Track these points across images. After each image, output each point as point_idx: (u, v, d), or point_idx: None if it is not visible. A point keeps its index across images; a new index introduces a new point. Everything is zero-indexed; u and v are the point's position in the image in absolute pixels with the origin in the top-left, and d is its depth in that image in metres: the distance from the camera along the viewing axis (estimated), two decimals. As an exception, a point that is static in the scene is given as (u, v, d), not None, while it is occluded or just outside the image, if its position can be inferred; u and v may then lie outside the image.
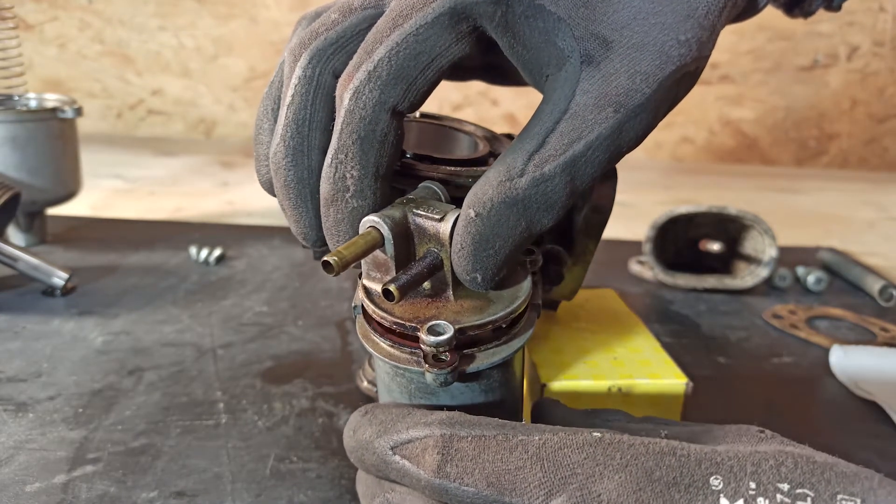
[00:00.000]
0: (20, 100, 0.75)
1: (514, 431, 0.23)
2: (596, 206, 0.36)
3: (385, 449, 0.24)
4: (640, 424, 0.27)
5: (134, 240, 0.76)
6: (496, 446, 0.23)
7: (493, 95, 1.34)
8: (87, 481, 0.38)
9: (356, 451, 0.26)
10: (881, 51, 1.33)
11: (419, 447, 0.24)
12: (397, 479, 0.25)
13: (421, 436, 0.24)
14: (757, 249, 0.69)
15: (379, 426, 0.25)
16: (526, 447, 0.22)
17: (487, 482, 0.22)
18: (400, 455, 0.24)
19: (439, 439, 0.23)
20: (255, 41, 1.30)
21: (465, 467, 0.23)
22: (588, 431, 0.23)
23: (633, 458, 0.21)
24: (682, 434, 0.25)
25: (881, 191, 1.26)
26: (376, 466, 0.25)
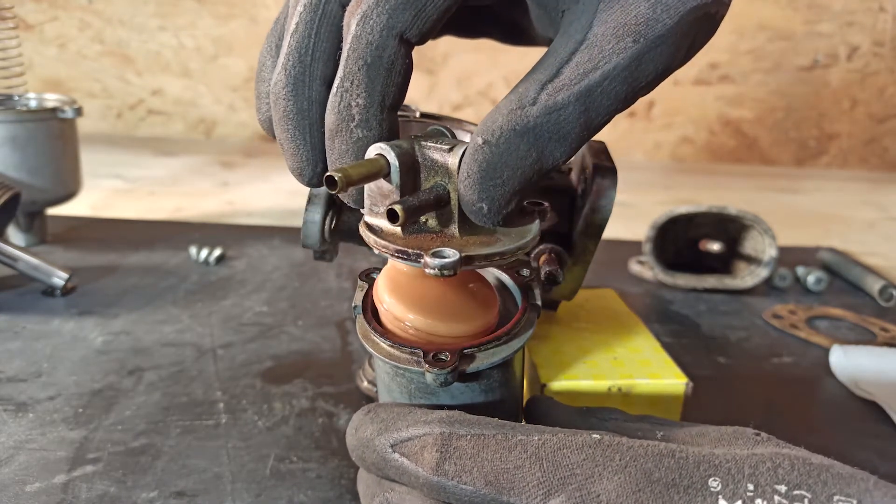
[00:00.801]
0: (20, 100, 0.75)
1: (513, 431, 0.23)
2: (596, 206, 0.36)
3: (385, 447, 0.24)
4: (637, 424, 0.27)
5: (134, 240, 0.76)
6: (495, 445, 0.23)
7: (493, 95, 1.34)
8: (87, 481, 0.38)
9: (357, 450, 0.26)
10: (881, 51, 1.33)
11: (418, 445, 0.24)
12: (396, 478, 0.24)
13: (420, 434, 0.24)
14: (757, 249, 0.69)
15: (380, 424, 0.25)
16: (525, 447, 0.22)
17: (486, 480, 0.22)
18: (399, 453, 0.24)
19: (438, 437, 0.23)
20: (255, 41, 1.30)
21: (463, 465, 0.23)
22: (587, 433, 0.23)
23: (633, 460, 0.21)
24: (678, 435, 0.26)
25: (881, 191, 1.26)
26: (376, 465, 0.25)
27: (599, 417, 0.28)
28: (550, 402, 0.30)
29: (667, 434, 0.26)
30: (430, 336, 0.27)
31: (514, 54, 1.36)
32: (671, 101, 1.35)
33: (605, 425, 0.27)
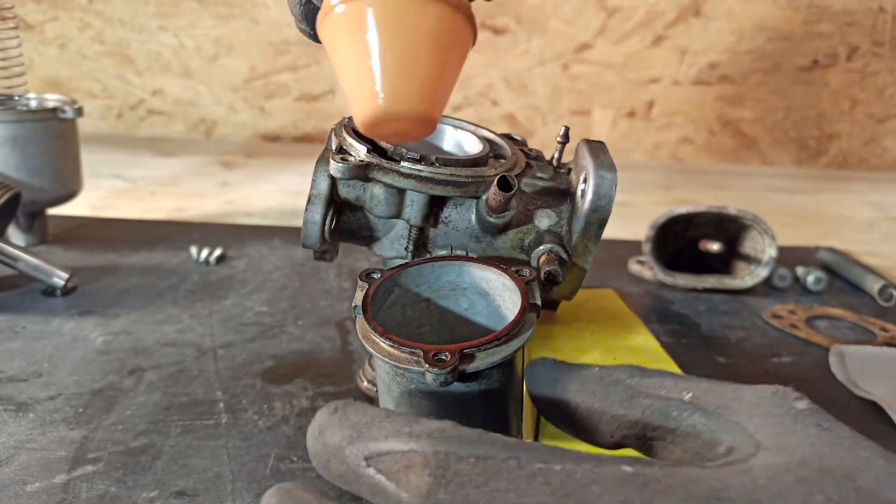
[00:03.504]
0: (20, 100, 0.75)
1: (526, 454, 0.19)
2: (596, 206, 0.36)
3: (357, 458, 0.20)
4: (657, 379, 0.24)
5: (134, 240, 0.76)
6: (508, 474, 0.19)
7: (493, 96, 1.34)
8: (88, 481, 0.38)
9: (321, 456, 0.22)
10: (881, 51, 1.33)
11: (401, 462, 0.20)
12: (369, 498, 0.21)
13: (403, 449, 0.20)
14: (756, 249, 0.69)
15: (350, 429, 0.21)
16: (547, 479, 0.19)
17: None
18: (375, 469, 0.20)
19: (430, 457, 0.19)
20: (255, 41, 1.30)
21: (466, 497, 0.18)
22: (615, 462, 0.19)
23: (674, 501, 0.18)
24: (708, 397, 0.23)
25: (881, 191, 1.26)
26: (345, 478, 0.21)
27: (616, 381, 0.25)
28: (557, 366, 0.26)
29: (696, 395, 0.23)
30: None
31: (514, 54, 1.36)
32: (671, 101, 1.35)
33: (623, 388, 0.25)
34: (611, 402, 0.25)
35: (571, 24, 1.30)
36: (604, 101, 1.36)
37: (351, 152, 0.37)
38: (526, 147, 0.44)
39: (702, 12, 1.30)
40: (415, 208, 0.38)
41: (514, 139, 0.44)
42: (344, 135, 0.38)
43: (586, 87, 1.34)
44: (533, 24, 1.29)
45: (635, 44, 1.31)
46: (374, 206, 0.38)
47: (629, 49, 1.32)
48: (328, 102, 1.35)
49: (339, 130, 0.40)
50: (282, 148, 1.34)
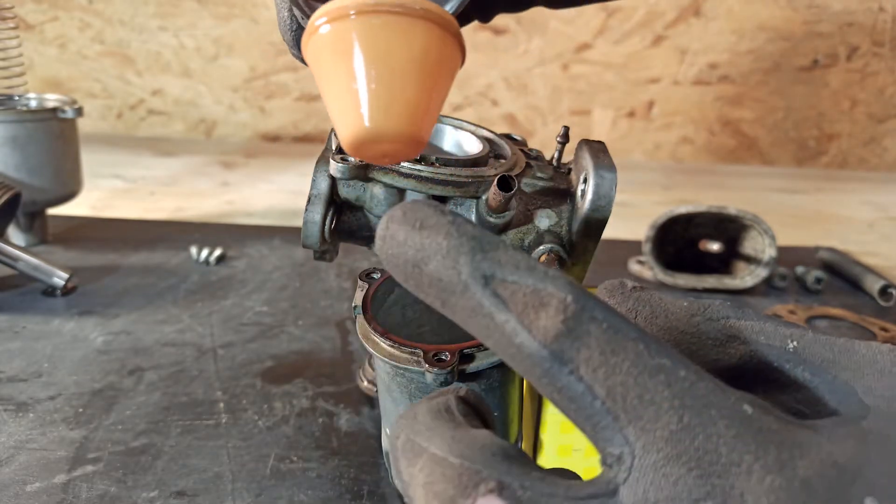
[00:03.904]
0: (20, 100, 0.75)
1: (656, 346, 0.18)
2: (596, 206, 0.36)
3: (474, 273, 0.18)
4: (757, 323, 0.22)
5: (134, 240, 0.76)
6: (635, 357, 0.17)
7: (493, 96, 1.34)
8: (88, 481, 0.38)
9: (416, 251, 0.18)
10: (881, 51, 1.33)
11: (531, 298, 0.17)
12: (461, 318, 0.18)
13: (540, 286, 0.17)
14: (756, 249, 0.69)
15: (472, 241, 0.18)
16: (668, 378, 0.17)
17: (608, 392, 0.17)
18: (493, 292, 0.17)
19: (569, 304, 0.17)
20: (255, 41, 1.30)
21: (588, 358, 0.17)
22: (737, 397, 0.18)
23: (791, 460, 0.17)
24: (814, 349, 0.21)
25: (881, 191, 1.26)
26: (443, 287, 0.18)
27: (710, 319, 0.22)
28: (637, 296, 0.23)
29: (801, 345, 0.22)
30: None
31: (514, 54, 1.36)
32: (671, 101, 1.35)
33: (717, 328, 0.22)
34: (702, 343, 0.22)
35: (571, 24, 1.30)
36: (604, 101, 1.36)
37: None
38: (526, 147, 0.44)
39: (702, 12, 1.30)
40: (414, 208, 0.38)
41: (514, 139, 0.44)
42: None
43: (586, 87, 1.34)
44: (533, 24, 1.29)
45: (635, 44, 1.31)
46: (374, 206, 0.38)
47: (629, 49, 1.32)
48: (328, 102, 1.35)
49: (339, 130, 0.39)
50: (282, 148, 1.34)
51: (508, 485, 0.17)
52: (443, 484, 0.17)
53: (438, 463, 0.18)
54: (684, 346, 0.23)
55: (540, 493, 0.17)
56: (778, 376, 0.22)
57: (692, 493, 0.16)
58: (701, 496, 0.16)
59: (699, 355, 0.22)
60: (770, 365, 0.22)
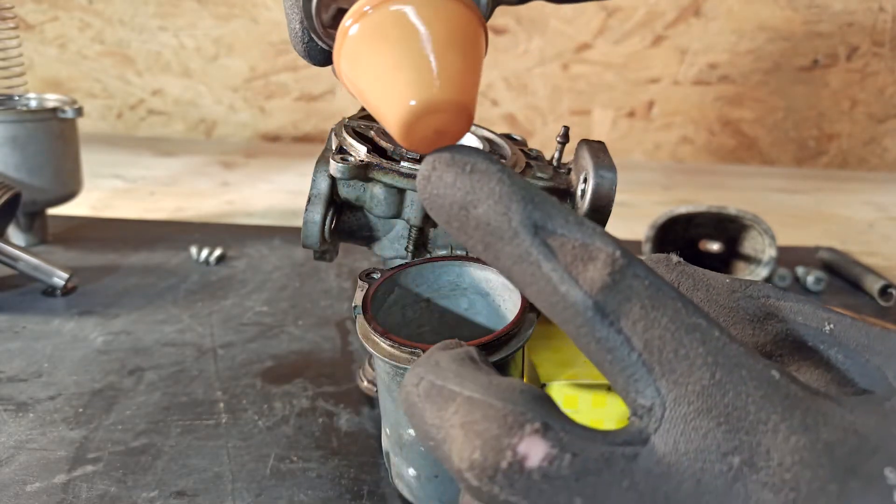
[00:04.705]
0: (20, 100, 0.75)
1: (692, 307, 0.18)
2: (596, 206, 0.36)
3: (524, 220, 0.18)
4: (796, 304, 0.23)
5: (134, 240, 0.76)
6: (673, 312, 0.18)
7: (493, 95, 1.34)
8: (88, 481, 0.38)
9: (464, 194, 0.19)
10: (881, 51, 1.33)
11: (581, 252, 0.18)
12: (504, 264, 0.19)
13: (589, 241, 0.18)
14: (756, 249, 0.69)
15: (523, 191, 0.19)
16: (704, 336, 0.18)
17: (645, 345, 0.17)
18: (543, 241, 0.18)
19: (618, 258, 0.18)
20: (255, 41, 1.30)
21: (630, 310, 0.18)
22: (765, 362, 0.18)
23: (815, 424, 0.17)
24: (850, 333, 0.22)
25: (881, 191, 1.26)
26: (489, 231, 0.18)
27: (750, 296, 0.23)
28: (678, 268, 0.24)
29: (837, 329, 0.22)
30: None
31: (514, 54, 1.36)
32: (671, 101, 1.35)
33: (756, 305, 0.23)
34: (740, 318, 0.23)
35: (571, 24, 1.30)
36: (604, 101, 1.36)
37: (351, 152, 0.37)
38: (526, 147, 0.44)
39: (702, 12, 1.30)
40: (415, 208, 0.38)
41: (514, 139, 0.44)
42: (344, 135, 0.38)
43: (586, 87, 1.34)
44: (533, 24, 1.29)
45: (635, 44, 1.31)
46: (374, 206, 0.38)
47: (629, 49, 1.32)
48: (328, 102, 1.35)
49: (339, 130, 0.40)
50: (282, 148, 1.34)
51: (552, 426, 0.17)
52: (486, 424, 0.17)
53: (478, 405, 0.18)
54: (723, 319, 0.23)
55: (580, 436, 0.17)
56: (812, 355, 0.22)
57: (721, 447, 0.17)
58: (729, 450, 0.17)
59: (736, 329, 0.23)
60: (805, 344, 0.23)
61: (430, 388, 0.19)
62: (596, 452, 0.17)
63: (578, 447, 0.17)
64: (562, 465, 0.17)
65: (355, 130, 0.40)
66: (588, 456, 0.17)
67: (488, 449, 0.17)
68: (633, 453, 0.17)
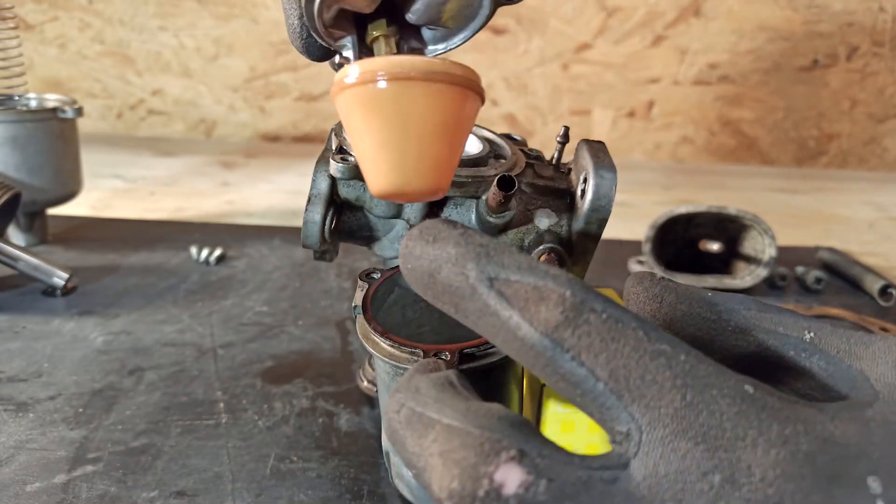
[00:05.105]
0: (20, 100, 0.75)
1: (656, 333, 0.18)
2: (596, 206, 0.36)
3: (480, 276, 0.19)
4: (776, 315, 0.23)
5: (134, 240, 0.76)
6: (635, 342, 0.18)
7: (493, 95, 1.34)
8: (88, 481, 0.38)
9: (429, 262, 0.20)
10: (881, 51, 1.33)
11: (533, 295, 0.18)
12: (471, 319, 0.20)
13: (539, 283, 0.19)
14: (756, 249, 0.69)
15: (478, 247, 0.20)
16: (669, 362, 0.18)
17: (611, 374, 0.18)
18: (498, 292, 0.19)
19: (567, 297, 0.18)
20: (255, 41, 1.30)
21: (590, 344, 0.18)
22: (737, 378, 0.18)
23: (794, 435, 0.17)
24: (830, 340, 0.22)
25: (881, 191, 1.26)
26: (454, 293, 0.20)
27: (731, 310, 0.23)
28: (661, 283, 0.24)
29: (818, 336, 0.22)
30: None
31: (514, 54, 1.36)
32: (671, 101, 1.35)
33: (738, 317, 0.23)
34: (722, 330, 0.23)
35: (571, 24, 1.30)
36: (604, 101, 1.36)
37: (351, 152, 0.37)
38: (526, 147, 0.44)
39: (702, 12, 1.30)
40: (415, 208, 0.38)
41: (514, 139, 0.44)
42: (344, 135, 0.38)
43: (586, 87, 1.34)
44: (533, 24, 1.29)
45: (635, 44, 1.31)
46: (374, 206, 0.38)
47: (629, 49, 1.32)
48: (328, 102, 1.35)
49: (339, 130, 0.40)
50: (282, 148, 1.34)
51: (528, 453, 0.17)
52: (463, 452, 0.18)
53: (455, 433, 0.18)
54: (704, 331, 0.23)
55: (557, 461, 0.17)
56: (793, 364, 0.23)
57: (700, 466, 0.17)
58: (709, 469, 0.17)
59: (719, 341, 0.23)
60: (786, 353, 0.23)
61: (410, 416, 0.20)
62: (573, 477, 0.17)
63: (555, 472, 0.17)
64: (538, 491, 0.17)
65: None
66: (565, 480, 0.17)
67: (466, 477, 0.17)
68: (612, 477, 0.17)
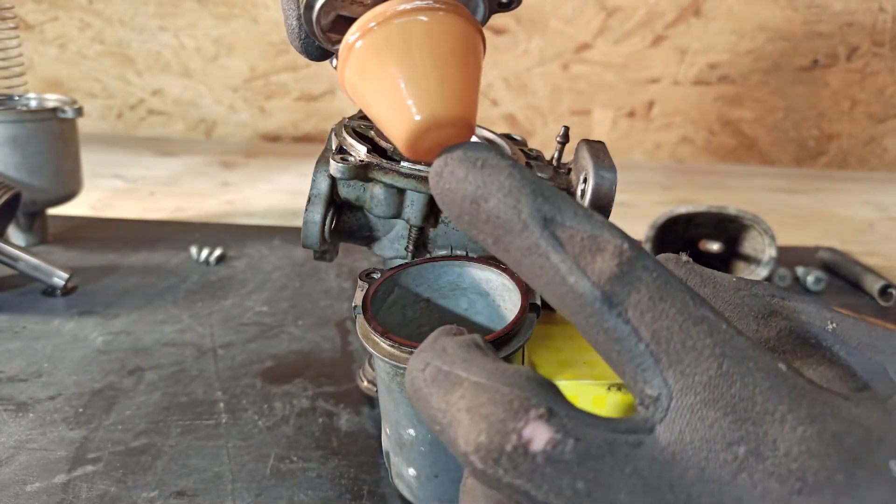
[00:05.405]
0: (20, 100, 0.75)
1: (699, 300, 0.18)
2: (596, 206, 0.36)
3: (534, 213, 0.18)
4: (800, 304, 0.23)
5: (134, 240, 0.76)
6: (681, 304, 0.18)
7: (493, 95, 1.34)
8: (88, 481, 0.38)
9: (476, 188, 0.19)
10: (881, 51, 1.33)
11: (590, 243, 0.18)
12: (514, 257, 0.19)
13: (598, 233, 0.18)
14: (756, 249, 0.69)
15: (533, 184, 0.19)
16: (711, 329, 0.18)
17: (653, 336, 0.18)
18: (551, 233, 0.18)
19: (625, 251, 0.18)
20: (255, 41, 1.30)
21: (638, 301, 0.18)
22: (771, 355, 0.18)
23: (822, 415, 0.18)
24: (853, 332, 0.22)
25: (881, 191, 1.26)
26: (500, 224, 0.19)
27: (755, 295, 0.24)
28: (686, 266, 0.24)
29: (840, 327, 0.23)
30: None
31: (514, 54, 1.36)
32: (671, 101, 1.35)
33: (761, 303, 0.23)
34: (745, 314, 0.23)
35: (571, 24, 1.30)
36: (604, 101, 1.36)
37: (351, 152, 0.37)
38: (526, 147, 0.44)
39: (702, 12, 1.30)
40: (415, 208, 0.38)
41: (514, 139, 0.44)
42: (344, 135, 0.38)
43: (586, 87, 1.34)
44: (533, 24, 1.29)
45: (635, 44, 1.31)
46: (374, 206, 0.38)
47: (629, 49, 1.32)
48: (328, 102, 1.35)
49: (339, 130, 0.40)
50: (282, 148, 1.34)
51: (557, 412, 0.17)
52: (492, 407, 0.18)
53: (484, 389, 0.18)
54: (728, 314, 0.24)
55: (583, 422, 0.18)
56: (816, 352, 0.23)
57: (726, 437, 0.17)
58: (735, 440, 0.17)
59: (742, 325, 0.23)
60: (809, 341, 0.23)
61: (436, 373, 0.19)
62: (599, 438, 0.17)
63: (582, 433, 0.17)
64: (565, 450, 0.17)
65: (355, 130, 0.40)
66: (591, 441, 0.17)
67: (494, 432, 0.17)
68: (637, 441, 0.17)
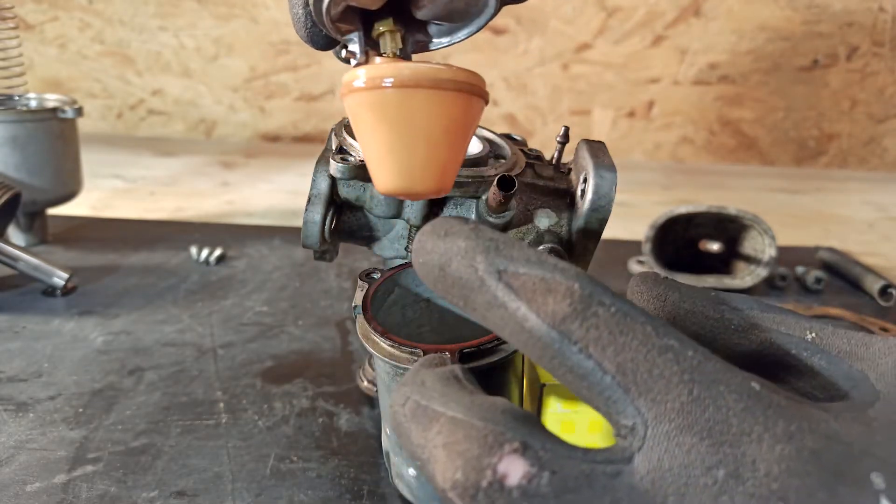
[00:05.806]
0: (20, 100, 0.75)
1: (664, 329, 0.19)
2: (595, 206, 0.36)
3: (488, 269, 0.19)
4: (779, 315, 0.23)
5: (134, 240, 0.76)
6: (643, 336, 0.18)
7: (493, 95, 1.34)
8: (88, 481, 0.38)
9: (439, 256, 0.20)
10: (881, 51, 1.33)
11: (541, 287, 0.19)
12: (479, 312, 0.20)
13: (548, 276, 0.19)
14: (756, 249, 0.69)
15: (487, 242, 0.20)
16: (677, 358, 0.18)
17: (618, 368, 0.18)
18: (506, 284, 0.19)
19: (576, 290, 0.18)
20: (255, 41, 1.30)
21: (598, 337, 0.18)
22: (744, 375, 0.18)
23: (800, 432, 0.17)
24: (832, 340, 0.22)
25: (881, 191, 1.26)
26: (463, 285, 0.20)
27: (735, 309, 0.24)
28: (666, 283, 0.25)
29: (819, 336, 0.23)
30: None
31: (514, 54, 1.36)
32: (671, 101, 1.35)
33: (740, 317, 0.24)
34: (725, 328, 0.24)
35: (571, 24, 1.30)
36: (604, 101, 1.36)
37: (351, 152, 0.37)
38: (526, 147, 0.44)
39: (702, 12, 1.30)
40: (415, 208, 0.38)
41: (514, 139, 0.44)
42: (344, 135, 0.38)
43: (586, 87, 1.34)
44: (533, 24, 1.29)
45: (635, 44, 1.31)
46: (374, 206, 0.38)
47: (629, 49, 1.32)
48: (328, 102, 1.35)
49: (339, 130, 0.40)
50: (282, 148, 1.34)
51: (531, 445, 0.17)
52: (467, 444, 0.18)
53: (460, 425, 0.18)
54: (707, 329, 0.24)
55: (560, 454, 0.18)
56: (795, 363, 0.23)
57: (705, 461, 0.17)
58: (713, 463, 0.17)
59: (721, 339, 0.24)
60: (788, 352, 0.23)
61: (415, 408, 0.20)
62: (576, 470, 0.17)
63: (558, 465, 0.17)
64: (541, 483, 0.17)
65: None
66: (568, 473, 0.17)
67: (469, 469, 0.17)
68: (616, 471, 0.17)
